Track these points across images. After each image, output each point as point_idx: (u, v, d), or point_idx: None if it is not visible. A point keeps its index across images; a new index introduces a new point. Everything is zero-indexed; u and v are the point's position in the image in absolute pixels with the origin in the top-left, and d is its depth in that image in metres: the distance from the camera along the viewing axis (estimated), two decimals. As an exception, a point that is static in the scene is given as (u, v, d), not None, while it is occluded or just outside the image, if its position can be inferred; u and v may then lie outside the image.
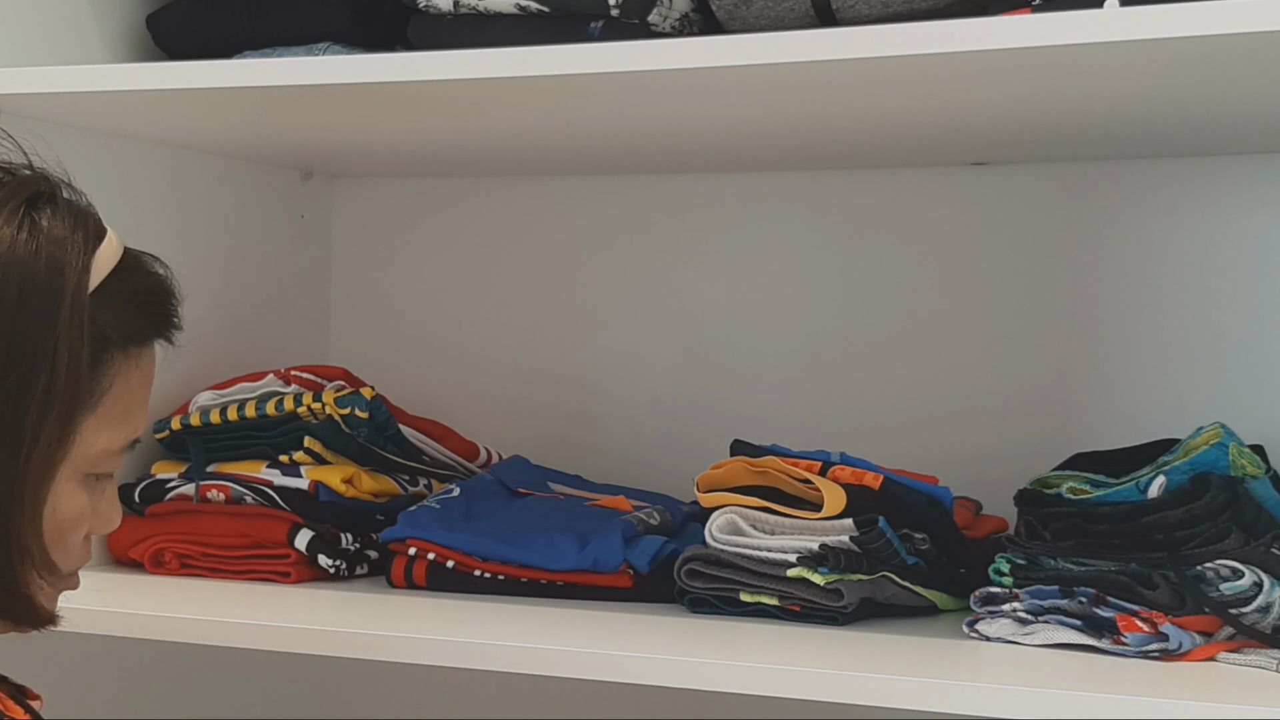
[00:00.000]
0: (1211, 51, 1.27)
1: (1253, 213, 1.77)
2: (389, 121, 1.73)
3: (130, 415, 1.13)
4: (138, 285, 1.13)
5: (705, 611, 1.56)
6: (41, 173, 1.12)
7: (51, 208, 1.09)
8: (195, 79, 1.59)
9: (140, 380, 1.14)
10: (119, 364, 1.11)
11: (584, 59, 1.43)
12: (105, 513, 1.16)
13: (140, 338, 1.13)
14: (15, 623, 1.13)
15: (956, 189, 1.90)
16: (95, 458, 1.11)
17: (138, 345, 1.13)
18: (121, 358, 1.11)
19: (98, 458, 1.11)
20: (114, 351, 1.10)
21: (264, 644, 1.52)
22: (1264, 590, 1.40)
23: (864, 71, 1.37)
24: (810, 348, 1.96)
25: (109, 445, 1.12)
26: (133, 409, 1.14)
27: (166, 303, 1.16)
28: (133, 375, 1.13)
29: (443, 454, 1.90)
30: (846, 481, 1.54)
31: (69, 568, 1.15)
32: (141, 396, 1.15)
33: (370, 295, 2.17)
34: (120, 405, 1.12)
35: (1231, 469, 1.47)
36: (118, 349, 1.11)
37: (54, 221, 1.08)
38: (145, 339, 1.14)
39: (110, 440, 1.12)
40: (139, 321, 1.13)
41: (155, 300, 1.15)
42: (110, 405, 1.11)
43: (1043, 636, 1.44)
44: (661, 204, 2.03)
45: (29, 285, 1.05)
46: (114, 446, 1.13)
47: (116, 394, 1.11)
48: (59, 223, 1.08)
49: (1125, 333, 1.82)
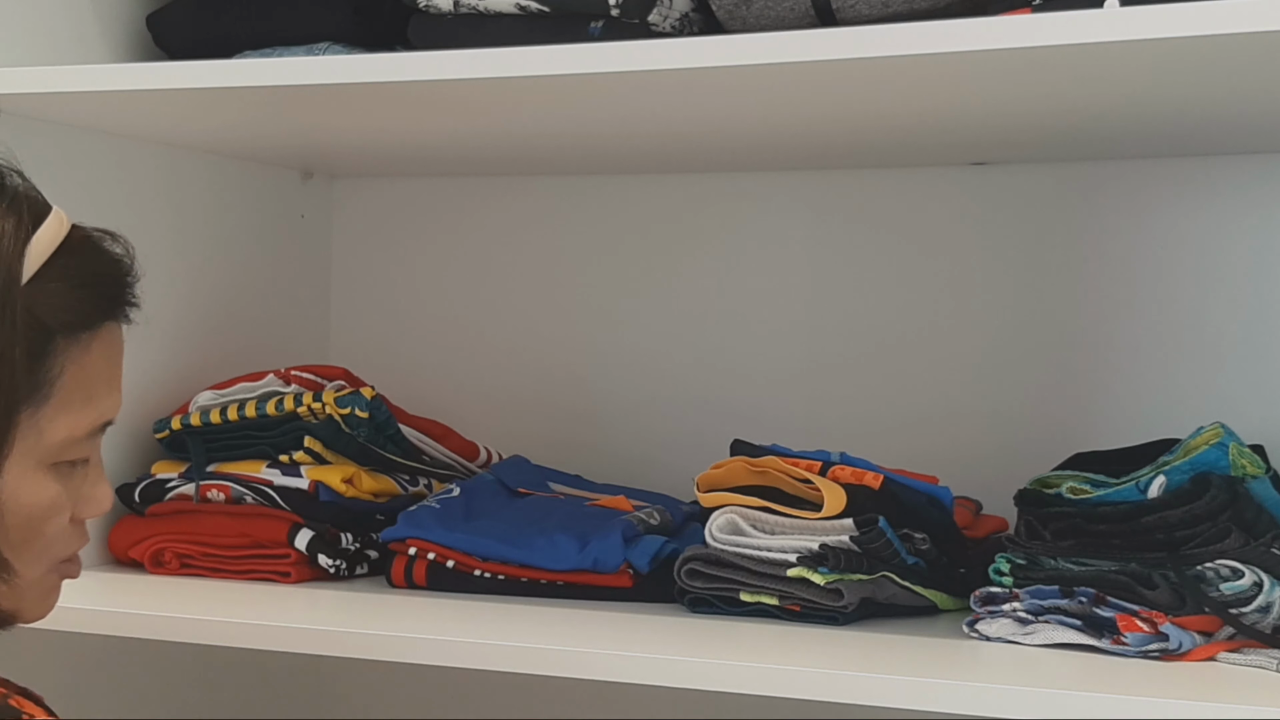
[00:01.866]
0: (1211, 51, 1.27)
1: (1253, 213, 1.77)
2: (389, 121, 1.73)
3: (92, 400, 1.10)
4: (82, 268, 1.10)
5: (705, 611, 1.56)
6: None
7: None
8: (195, 79, 1.59)
9: (98, 364, 1.11)
10: (67, 351, 1.08)
11: (584, 59, 1.43)
12: (91, 496, 1.14)
13: (88, 323, 1.10)
14: None
15: (956, 189, 1.90)
16: (59, 446, 1.09)
17: (87, 330, 1.09)
18: (69, 344, 1.08)
19: (61, 446, 1.09)
20: (59, 340, 1.07)
21: (264, 644, 1.52)
22: (1264, 590, 1.40)
23: (864, 71, 1.37)
24: (810, 348, 1.96)
25: (71, 433, 1.09)
26: (95, 393, 1.11)
27: (115, 283, 1.12)
28: (87, 360, 1.09)
29: (443, 454, 1.90)
30: (846, 481, 1.54)
31: (57, 555, 1.13)
32: (104, 379, 1.12)
33: (370, 295, 2.17)
34: (78, 392, 1.09)
35: (1231, 469, 1.47)
36: (63, 336, 1.08)
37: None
38: (94, 323, 1.10)
39: (72, 428, 1.09)
40: (84, 306, 1.09)
41: (102, 282, 1.11)
42: (66, 393, 1.08)
43: (1043, 636, 1.44)
44: (661, 204, 2.03)
45: None
46: (78, 433, 1.10)
47: (71, 381, 1.08)
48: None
49: (1125, 332, 1.82)
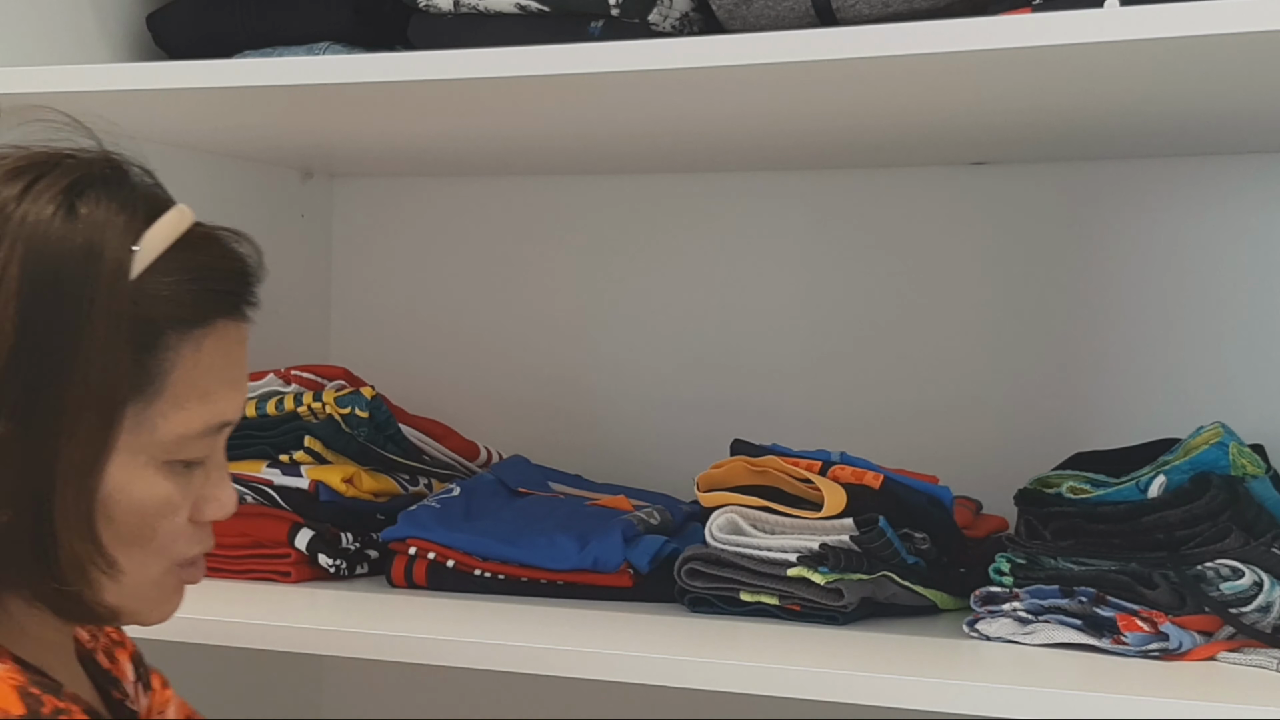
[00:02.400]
0: (1211, 51, 1.27)
1: (1253, 213, 1.77)
2: (389, 121, 1.73)
3: (207, 398, 1.08)
4: (198, 264, 1.08)
5: (705, 611, 1.56)
6: (101, 154, 1.09)
7: (97, 190, 1.05)
8: (195, 79, 1.59)
9: (213, 361, 1.09)
10: (177, 347, 1.06)
11: (584, 59, 1.43)
12: (212, 496, 1.12)
13: (200, 318, 1.08)
14: (70, 620, 1.10)
15: (956, 189, 1.90)
16: (171, 444, 1.07)
17: (199, 326, 1.08)
18: (179, 340, 1.06)
19: (174, 444, 1.07)
20: (169, 334, 1.06)
21: (264, 644, 1.52)
22: (1264, 590, 1.40)
23: (864, 71, 1.38)
24: (810, 347, 1.96)
25: (185, 430, 1.07)
26: (209, 391, 1.09)
27: (231, 279, 1.11)
28: (199, 357, 1.07)
29: (443, 453, 1.90)
30: (847, 481, 1.54)
31: (175, 556, 1.11)
32: (220, 377, 1.10)
33: (370, 295, 2.17)
34: (190, 389, 1.07)
35: (1231, 468, 1.47)
36: (173, 331, 1.06)
37: (96, 205, 1.05)
38: (206, 319, 1.08)
39: (185, 425, 1.07)
40: (196, 301, 1.07)
41: (217, 278, 1.10)
42: (177, 390, 1.06)
43: (1043, 636, 1.44)
44: (661, 204, 2.03)
45: (62, 271, 1.02)
46: (191, 431, 1.08)
47: (183, 377, 1.06)
48: (101, 206, 1.05)
49: (1125, 332, 1.82)
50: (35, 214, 1.03)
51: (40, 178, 1.05)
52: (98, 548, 1.06)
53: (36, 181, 1.05)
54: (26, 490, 1.02)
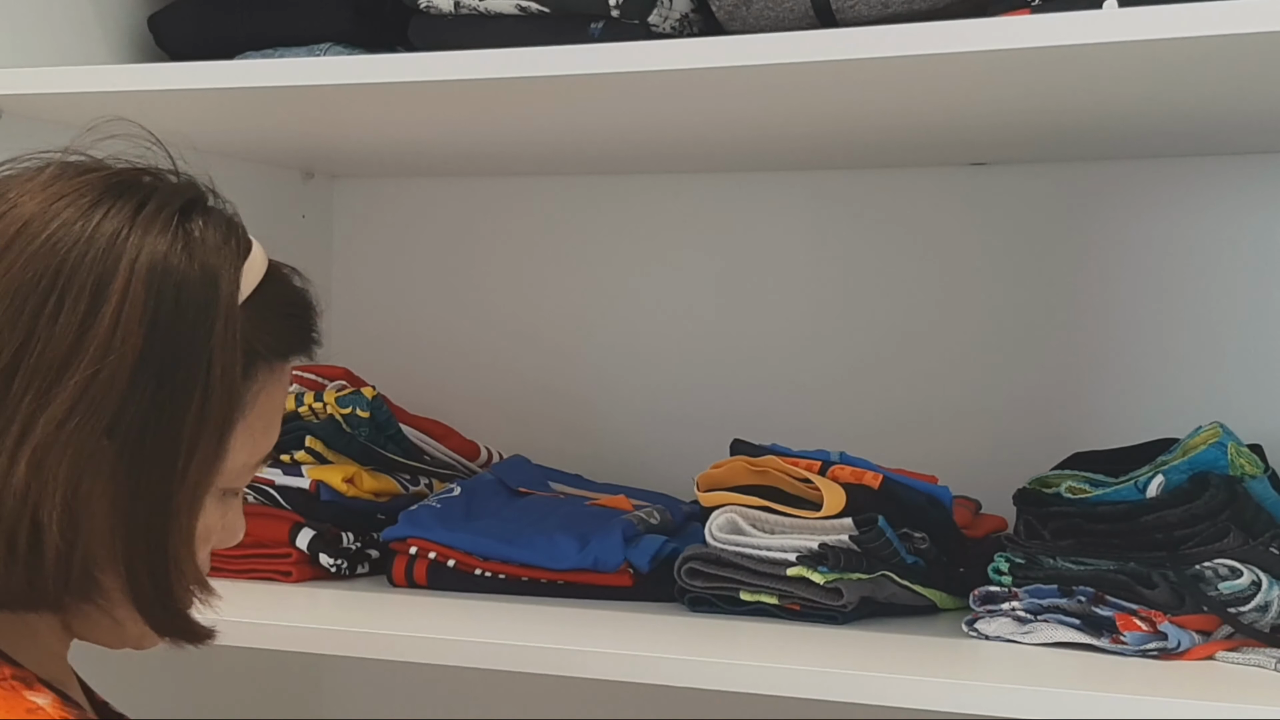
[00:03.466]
0: (1211, 51, 1.27)
1: (1253, 213, 1.77)
2: (389, 121, 1.73)
3: (269, 430, 1.10)
4: (284, 298, 1.10)
5: (705, 611, 1.56)
6: (189, 179, 1.09)
7: (204, 216, 1.06)
8: (196, 79, 1.59)
9: (281, 395, 1.11)
10: (264, 377, 1.08)
11: (584, 59, 1.43)
12: (231, 526, 1.13)
13: (285, 351, 1.10)
14: (174, 639, 1.10)
15: (956, 189, 1.90)
16: (235, 473, 1.08)
17: (282, 359, 1.10)
18: (267, 371, 1.08)
19: (237, 473, 1.08)
20: (260, 364, 1.07)
21: (264, 644, 1.52)
22: (1262, 589, 1.40)
23: (864, 71, 1.38)
24: (810, 347, 1.96)
25: (248, 460, 1.09)
26: (272, 424, 1.11)
27: (310, 316, 1.13)
28: (275, 389, 1.09)
29: (443, 453, 1.90)
30: (846, 481, 1.54)
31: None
32: (280, 410, 1.12)
33: (370, 295, 2.17)
34: (262, 420, 1.09)
35: (1230, 468, 1.48)
36: (264, 361, 1.07)
37: (207, 231, 1.04)
38: (289, 352, 1.11)
39: (250, 454, 1.09)
40: (284, 334, 1.09)
41: (300, 313, 1.11)
42: (253, 419, 1.07)
43: (1042, 635, 1.44)
44: (661, 204, 2.03)
45: (184, 295, 1.02)
46: (252, 461, 1.10)
47: (260, 408, 1.08)
48: (212, 231, 1.05)
49: (1124, 333, 1.82)
50: (153, 239, 1.02)
51: (146, 200, 1.04)
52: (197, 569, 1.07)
53: (144, 205, 1.04)
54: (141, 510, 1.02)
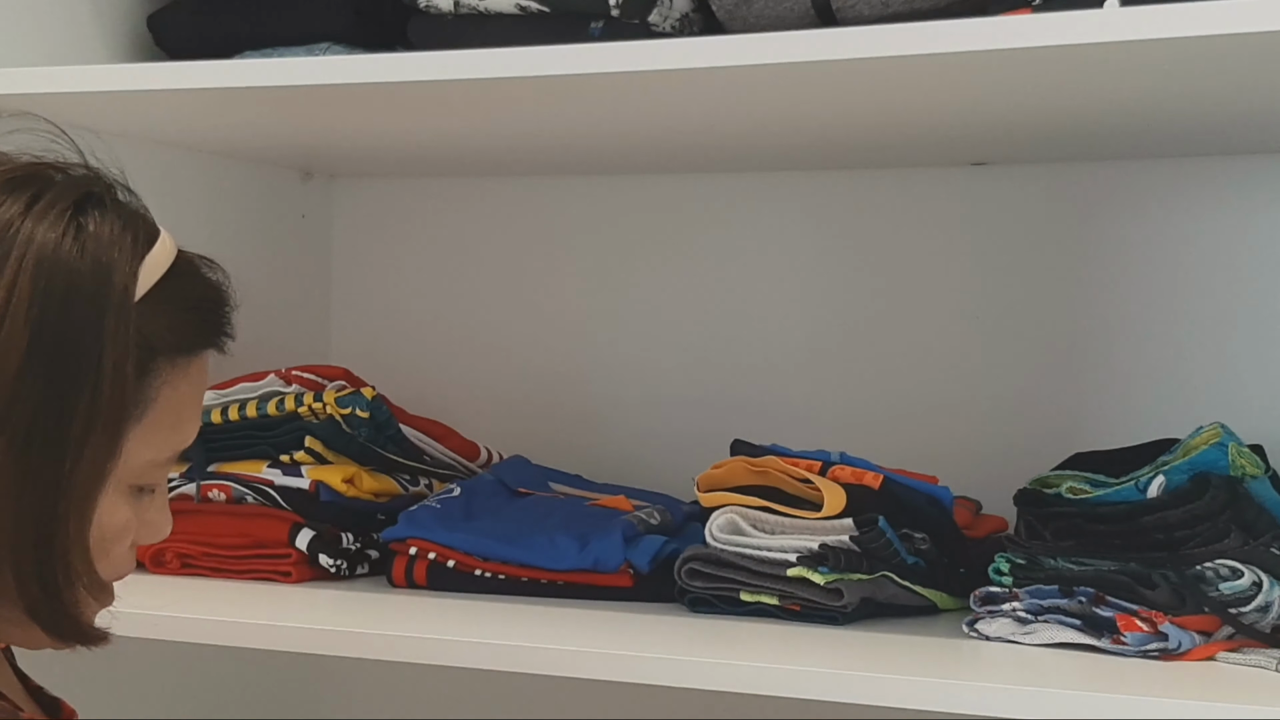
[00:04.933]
0: (1211, 51, 1.27)
1: (1253, 213, 1.77)
2: (389, 121, 1.73)
3: (179, 426, 1.09)
4: (189, 293, 1.09)
5: (705, 611, 1.56)
6: (95, 173, 1.09)
7: (100, 210, 1.05)
8: (196, 79, 1.59)
9: (189, 391, 1.10)
10: (166, 374, 1.07)
11: (584, 59, 1.43)
12: (154, 523, 1.12)
13: (189, 347, 1.09)
14: (63, 641, 1.09)
15: (956, 189, 1.90)
16: (140, 469, 1.07)
17: (186, 355, 1.09)
18: (169, 368, 1.07)
19: (143, 469, 1.07)
20: (161, 361, 1.06)
21: (264, 644, 1.52)
22: (1263, 590, 1.40)
23: (864, 71, 1.38)
24: (810, 347, 1.96)
25: (155, 457, 1.08)
26: (181, 420, 1.10)
27: (218, 311, 1.12)
28: (181, 385, 1.08)
29: (443, 454, 1.90)
30: (846, 481, 1.54)
31: (110, 578, 1.11)
32: (191, 407, 1.11)
33: (370, 295, 2.17)
34: (168, 416, 1.07)
35: (1231, 469, 1.47)
36: (165, 358, 1.06)
37: (102, 224, 1.04)
38: (194, 348, 1.10)
39: (156, 452, 1.08)
40: (188, 330, 1.09)
41: (206, 308, 1.11)
42: (157, 416, 1.06)
43: (1042, 636, 1.44)
44: (661, 204, 2.03)
45: (74, 291, 1.01)
46: (160, 458, 1.09)
47: (164, 404, 1.07)
48: (107, 226, 1.04)
49: (1125, 332, 1.82)
50: (43, 231, 1.02)
51: (42, 193, 1.04)
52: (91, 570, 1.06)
53: (39, 197, 1.03)
54: (28, 511, 1.01)
